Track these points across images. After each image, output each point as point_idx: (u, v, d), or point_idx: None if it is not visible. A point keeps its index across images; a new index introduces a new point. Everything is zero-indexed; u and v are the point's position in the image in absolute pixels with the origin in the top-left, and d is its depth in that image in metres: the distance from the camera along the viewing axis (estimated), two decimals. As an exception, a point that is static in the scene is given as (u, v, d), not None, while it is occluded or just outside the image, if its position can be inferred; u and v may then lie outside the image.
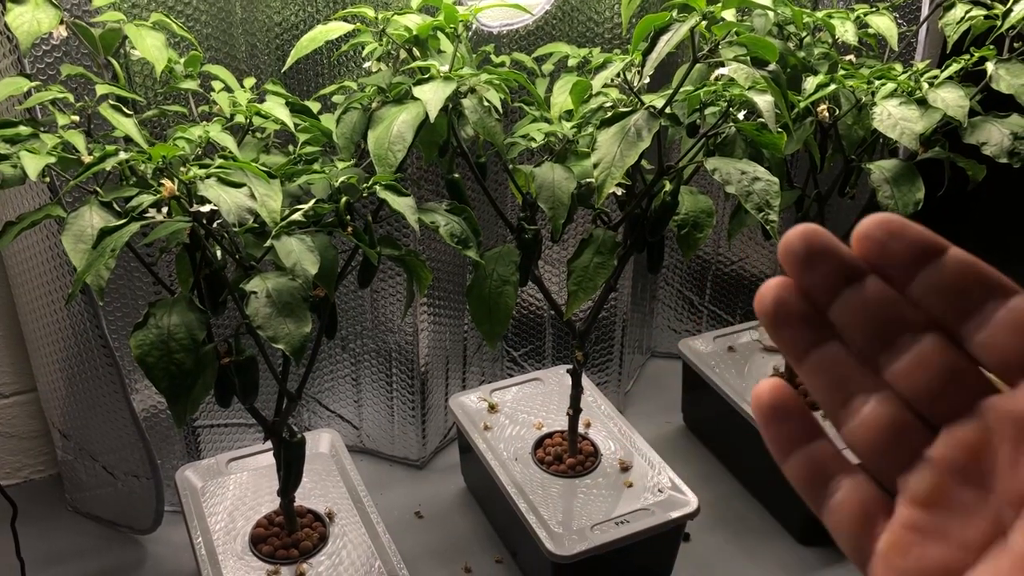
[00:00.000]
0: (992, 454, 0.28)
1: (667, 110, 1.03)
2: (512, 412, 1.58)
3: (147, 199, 0.89)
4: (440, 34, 1.10)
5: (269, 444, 1.22)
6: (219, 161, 0.90)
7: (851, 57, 1.36)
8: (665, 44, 0.92)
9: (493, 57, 1.23)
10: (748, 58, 1.00)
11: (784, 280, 0.30)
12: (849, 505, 0.30)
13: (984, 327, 0.28)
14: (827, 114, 1.26)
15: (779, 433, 0.31)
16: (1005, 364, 0.28)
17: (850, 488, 0.31)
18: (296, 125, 1.09)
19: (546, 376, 1.68)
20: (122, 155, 0.89)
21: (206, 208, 0.88)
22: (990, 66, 1.21)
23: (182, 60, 1.10)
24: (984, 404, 0.28)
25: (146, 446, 1.40)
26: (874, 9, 1.33)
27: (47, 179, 0.98)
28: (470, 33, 1.38)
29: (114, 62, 1.07)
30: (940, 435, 0.29)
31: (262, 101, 1.08)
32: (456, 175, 1.20)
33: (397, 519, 1.58)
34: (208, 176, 0.87)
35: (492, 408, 1.58)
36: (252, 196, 0.87)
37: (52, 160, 0.91)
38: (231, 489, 1.40)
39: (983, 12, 1.25)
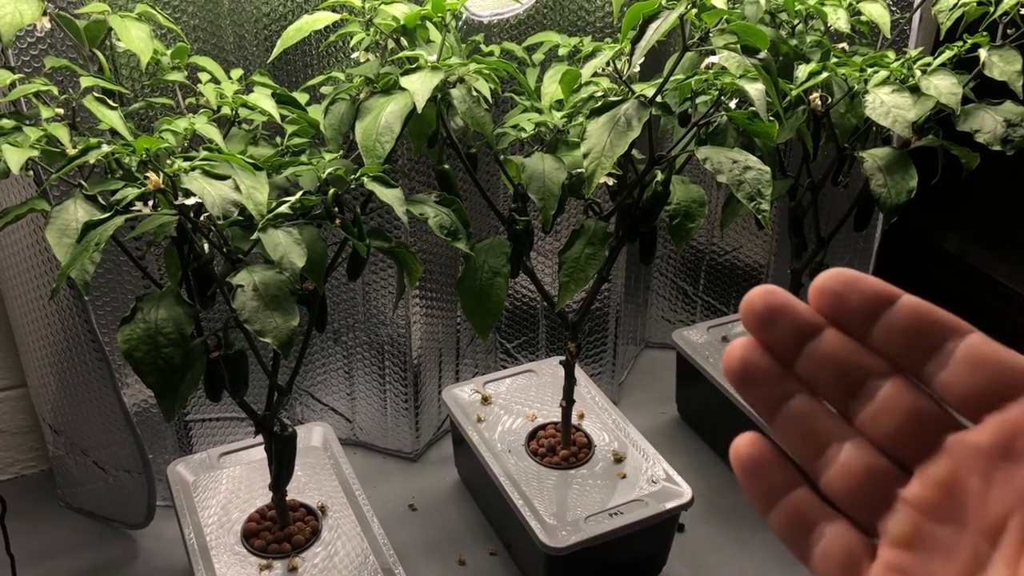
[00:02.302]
0: (963, 489, 0.28)
1: (658, 99, 1.02)
2: (505, 404, 1.58)
3: (132, 192, 0.88)
4: (428, 23, 1.09)
5: (261, 438, 1.21)
6: (204, 153, 0.89)
7: (844, 45, 1.35)
8: (654, 32, 0.91)
9: (483, 47, 1.22)
10: (739, 46, 0.99)
11: (748, 340, 0.31)
12: (834, 552, 0.31)
13: (944, 367, 0.29)
14: (819, 102, 1.25)
15: (760, 485, 0.32)
16: (967, 400, 0.28)
17: (833, 535, 0.31)
18: (283, 116, 1.08)
19: (539, 368, 1.67)
20: (105, 148, 0.88)
21: (191, 201, 0.87)
22: (983, 53, 1.20)
23: (168, 51, 1.09)
24: (951, 441, 0.29)
25: (137, 441, 1.39)
26: (867, -4, 1.32)
27: (30, 173, 0.97)
28: (460, 23, 1.37)
29: (99, 54, 1.06)
30: (913, 475, 0.30)
31: (250, 92, 1.07)
32: (446, 166, 1.19)
33: (390, 512, 1.58)
34: (192, 168, 0.86)
35: (485, 400, 1.58)
36: (237, 188, 0.86)
37: (35, 153, 0.90)
38: (223, 483, 1.40)
39: (976, -2, 1.24)
